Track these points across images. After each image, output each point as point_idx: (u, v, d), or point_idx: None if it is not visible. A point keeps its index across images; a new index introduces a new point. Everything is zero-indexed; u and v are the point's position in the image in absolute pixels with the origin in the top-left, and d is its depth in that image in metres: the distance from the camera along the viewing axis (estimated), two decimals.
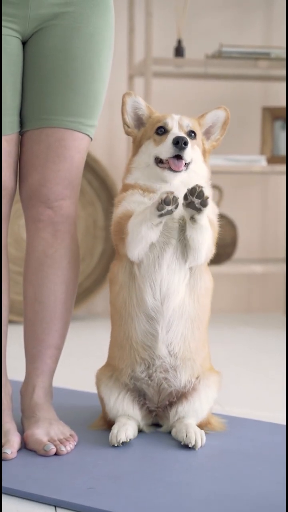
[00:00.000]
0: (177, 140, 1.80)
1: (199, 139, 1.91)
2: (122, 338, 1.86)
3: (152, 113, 1.94)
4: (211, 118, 1.95)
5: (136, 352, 1.84)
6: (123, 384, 1.88)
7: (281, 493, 1.57)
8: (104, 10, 1.84)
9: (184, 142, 1.80)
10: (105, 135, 3.89)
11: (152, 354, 1.84)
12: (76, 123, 1.83)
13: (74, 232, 1.91)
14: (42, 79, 1.80)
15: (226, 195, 3.97)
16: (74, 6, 1.81)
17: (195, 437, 1.80)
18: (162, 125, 1.87)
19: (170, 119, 1.88)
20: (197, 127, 1.92)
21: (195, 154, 1.88)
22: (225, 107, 1.95)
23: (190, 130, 1.89)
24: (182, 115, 1.92)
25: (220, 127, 1.95)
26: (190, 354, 1.86)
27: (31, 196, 1.85)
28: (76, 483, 1.61)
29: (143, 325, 1.83)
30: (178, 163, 1.82)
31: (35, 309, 1.88)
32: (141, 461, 1.74)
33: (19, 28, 1.78)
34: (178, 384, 1.86)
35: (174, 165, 1.82)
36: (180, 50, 3.66)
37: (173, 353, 1.84)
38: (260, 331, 3.62)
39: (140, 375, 1.86)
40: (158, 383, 1.86)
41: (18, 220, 3.65)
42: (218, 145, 1.96)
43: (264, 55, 3.65)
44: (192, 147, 1.86)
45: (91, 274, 3.80)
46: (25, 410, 1.88)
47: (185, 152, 1.81)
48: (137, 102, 1.93)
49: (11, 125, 1.80)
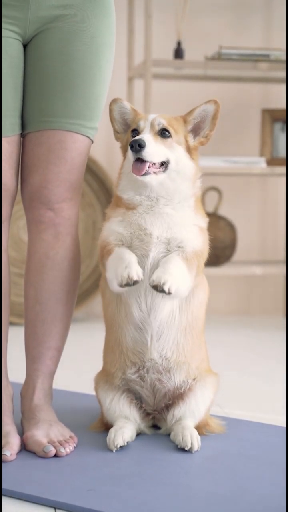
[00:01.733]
0: (132, 143, 1.77)
1: (178, 136, 1.85)
2: (113, 344, 1.87)
3: (136, 115, 1.90)
4: (200, 113, 1.88)
5: (126, 356, 1.85)
6: (116, 387, 1.88)
7: (281, 495, 1.57)
8: (105, 13, 1.84)
9: (139, 144, 1.75)
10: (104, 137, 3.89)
11: (142, 358, 1.84)
12: (77, 125, 1.83)
13: (75, 234, 1.91)
14: (43, 82, 1.81)
15: (226, 197, 3.97)
16: (75, 9, 1.81)
17: (191, 440, 1.80)
18: (135, 127, 1.85)
19: (142, 120, 1.84)
20: (174, 124, 1.85)
21: (176, 153, 1.83)
22: (216, 99, 1.88)
23: (162, 128, 1.83)
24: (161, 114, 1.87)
25: (209, 121, 1.88)
26: (185, 358, 1.85)
27: (32, 197, 1.85)
28: (75, 485, 1.61)
29: (132, 334, 1.84)
30: (140, 166, 1.78)
31: (36, 310, 1.89)
32: (141, 463, 1.74)
33: (19, 31, 1.78)
34: (172, 385, 1.86)
35: (135, 169, 1.79)
36: (179, 52, 3.67)
37: (165, 357, 1.84)
38: (259, 333, 3.62)
39: (132, 377, 1.86)
40: (151, 384, 1.86)
41: (17, 221, 3.65)
42: (208, 141, 1.90)
43: (263, 57, 3.66)
44: (168, 146, 1.81)
45: (90, 276, 3.80)
46: (25, 412, 1.88)
47: (144, 153, 1.76)
48: (123, 107, 1.91)
49: (12, 127, 1.80)
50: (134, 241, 1.80)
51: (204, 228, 1.87)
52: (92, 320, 3.84)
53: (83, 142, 1.86)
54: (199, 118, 1.89)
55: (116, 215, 1.85)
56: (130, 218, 1.82)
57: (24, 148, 1.86)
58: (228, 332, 3.59)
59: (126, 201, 1.85)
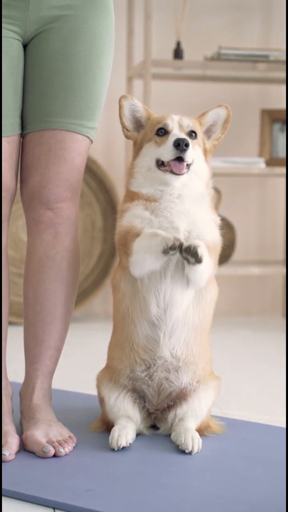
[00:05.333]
0: (178, 142, 1.79)
1: (199, 138, 1.90)
2: (124, 340, 1.86)
3: (150, 114, 1.93)
4: (212, 117, 1.93)
5: (136, 353, 1.84)
6: (122, 385, 1.88)
7: (281, 496, 1.57)
8: (105, 13, 1.84)
9: (186, 144, 1.79)
10: (104, 137, 3.89)
11: (153, 355, 1.84)
12: (76, 125, 1.83)
13: (74, 234, 1.91)
14: (43, 82, 1.81)
15: (225, 197, 3.97)
16: (75, 9, 1.81)
17: (192, 443, 1.80)
18: (163, 126, 1.86)
19: (170, 119, 1.87)
20: (197, 126, 1.90)
21: (196, 155, 1.87)
22: (226, 105, 1.93)
23: (190, 130, 1.88)
24: (182, 115, 1.91)
25: (221, 125, 1.94)
26: (193, 358, 1.86)
27: (32, 197, 1.85)
28: (74, 485, 1.61)
29: (146, 330, 1.83)
30: (180, 165, 1.81)
31: (35, 310, 1.89)
32: (140, 463, 1.74)
33: (20, 31, 1.79)
34: (179, 385, 1.86)
35: (175, 167, 1.81)
36: (179, 52, 3.67)
37: (175, 356, 1.84)
38: (258, 333, 3.62)
39: (140, 375, 1.85)
40: (158, 383, 1.86)
41: (16, 221, 3.65)
42: (219, 144, 1.95)
43: (262, 58, 3.66)
44: (193, 147, 1.85)
45: (90, 276, 3.80)
46: (24, 412, 1.88)
47: (186, 153, 1.80)
48: (134, 104, 1.92)
49: (12, 127, 1.80)
50: None
51: (218, 224, 1.90)
52: (92, 319, 3.84)
53: (83, 142, 1.86)
54: (211, 121, 1.94)
55: (137, 204, 1.85)
56: (154, 209, 1.83)
57: (23, 148, 1.86)
58: (226, 332, 3.59)
59: (146, 195, 1.85)
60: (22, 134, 1.86)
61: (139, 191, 1.87)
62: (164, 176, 1.83)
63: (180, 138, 1.80)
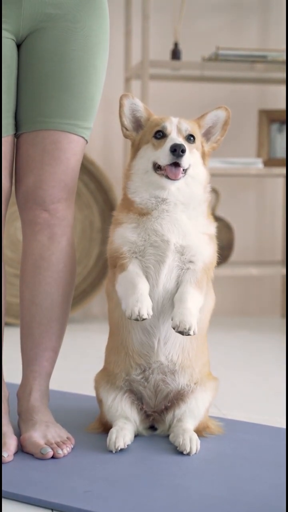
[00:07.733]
0: (175, 147, 1.76)
1: (198, 142, 1.87)
2: (119, 345, 1.86)
3: (150, 115, 1.90)
4: (211, 119, 1.90)
5: (131, 358, 1.84)
6: (119, 387, 1.88)
7: (280, 496, 1.56)
8: (99, 13, 1.83)
9: (182, 150, 1.76)
10: (102, 137, 3.89)
11: (148, 360, 1.84)
12: (71, 126, 1.82)
13: (70, 235, 1.90)
14: (37, 82, 1.80)
15: (223, 198, 3.97)
16: (68, 8, 1.80)
17: (190, 444, 1.79)
18: (161, 129, 1.84)
19: (168, 122, 1.84)
20: (196, 129, 1.87)
21: (194, 159, 1.85)
22: (226, 106, 1.90)
23: (189, 134, 1.84)
24: (181, 117, 1.88)
25: (220, 127, 1.91)
26: (190, 362, 1.85)
27: (27, 198, 1.85)
28: (73, 486, 1.61)
29: (140, 337, 1.83)
30: (176, 171, 1.79)
31: (32, 311, 1.88)
32: (138, 464, 1.74)
33: (12, 29, 1.77)
34: (176, 386, 1.85)
35: (171, 173, 1.79)
36: (176, 52, 3.67)
37: (171, 361, 1.84)
38: (257, 334, 3.62)
39: (136, 378, 1.85)
40: (155, 384, 1.85)
41: (14, 222, 3.65)
42: (218, 146, 1.92)
43: (260, 58, 3.66)
44: (190, 151, 1.83)
45: (88, 277, 3.79)
46: (22, 413, 1.88)
47: (183, 159, 1.77)
48: (135, 104, 1.89)
49: (6, 127, 1.80)
50: (148, 249, 1.80)
51: (214, 235, 1.88)
52: (89, 321, 3.83)
53: (78, 143, 1.85)
54: (210, 123, 1.91)
55: (129, 221, 1.84)
56: (145, 224, 1.81)
57: (18, 149, 1.85)
58: (225, 332, 3.59)
59: (139, 205, 1.83)
60: (16, 135, 1.85)
61: (134, 200, 1.85)
62: (160, 180, 1.81)
63: (177, 144, 1.77)
